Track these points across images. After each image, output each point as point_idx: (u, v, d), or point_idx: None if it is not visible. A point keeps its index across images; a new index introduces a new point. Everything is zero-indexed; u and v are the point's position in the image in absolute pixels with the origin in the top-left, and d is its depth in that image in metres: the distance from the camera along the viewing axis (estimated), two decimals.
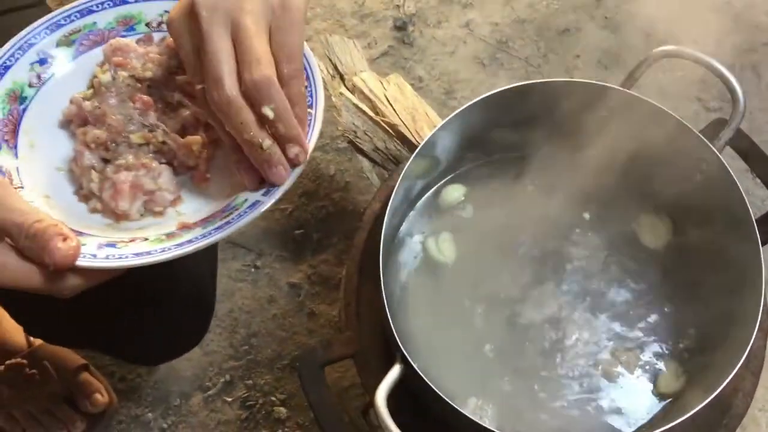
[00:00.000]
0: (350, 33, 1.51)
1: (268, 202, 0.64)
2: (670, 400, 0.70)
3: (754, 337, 0.63)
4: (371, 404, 0.83)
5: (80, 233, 0.66)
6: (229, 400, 1.13)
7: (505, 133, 0.80)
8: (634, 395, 0.71)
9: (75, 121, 0.75)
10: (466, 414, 0.61)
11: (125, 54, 0.76)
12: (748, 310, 0.65)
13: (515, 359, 0.72)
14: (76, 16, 0.80)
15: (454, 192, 0.81)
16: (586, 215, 0.80)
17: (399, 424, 0.60)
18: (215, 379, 1.15)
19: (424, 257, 0.79)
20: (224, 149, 0.70)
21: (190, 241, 0.63)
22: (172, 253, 0.62)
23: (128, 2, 0.82)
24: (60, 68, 0.79)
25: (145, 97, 0.72)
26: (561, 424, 0.69)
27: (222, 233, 0.63)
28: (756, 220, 0.68)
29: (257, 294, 1.22)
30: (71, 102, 0.76)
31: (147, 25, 0.82)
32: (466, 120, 0.75)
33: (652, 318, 0.74)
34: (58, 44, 0.79)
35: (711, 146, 0.72)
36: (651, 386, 0.71)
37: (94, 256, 0.62)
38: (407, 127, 0.98)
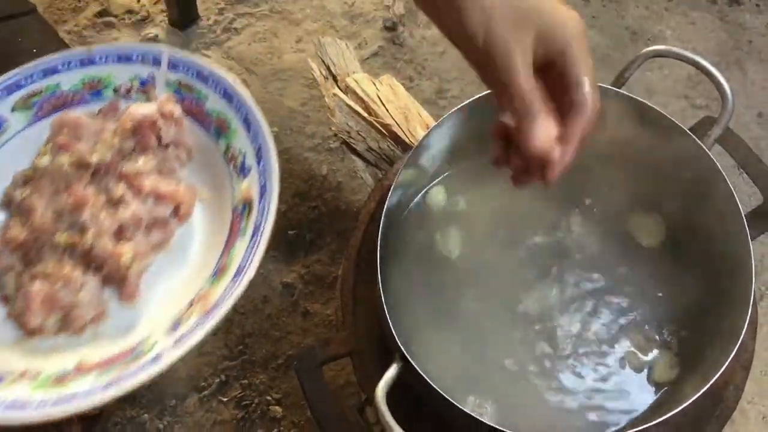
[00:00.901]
0: (341, 34, 1.52)
1: (172, 357, 0.60)
2: (663, 392, 0.71)
3: (744, 330, 0.64)
4: (368, 402, 0.83)
5: None
6: (225, 399, 1.14)
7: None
8: (629, 388, 0.72)
9: (12, 204, 0.68)
10: (466, 410, 0.61)
11: (74, 131, 0.69)
12: (739, 303, 0.67)
13: (513, 356, 0.73)
14: (38, 76, 0.73)
15: (448, 190, 0.82)
16: (578, 215, 0.80)
17: (397, 422, 0.60)
18: (210, 379, 1.15)
19: (426, 253, 0.79)
20: (159, 264, 0.66)
21: (74, 396, 0.58)
22: (45, 411, 0.56)
23: (96, 63, 0.75)
24: (13, 136, 0.72)
25: (80, 192, 0.65)
26: (559, 418, 0.70)
27: (111, 392, 0.58)
28: (745, 216, 0.70)
29: (251, 294, 1.23)
30: (12, 182, 0.69)
31: (115, 90, 0.76)
32: (461, 119, 0.76)
33: (647, 313, 0.75)
34: (15, 108, 0.72)
35: (701, 144, 0.73)
36: (645, 379, 0.72)
37: None
38: (400, 127, 0.99)
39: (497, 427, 0.60)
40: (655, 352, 0.74)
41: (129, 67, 0.75)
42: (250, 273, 0.63)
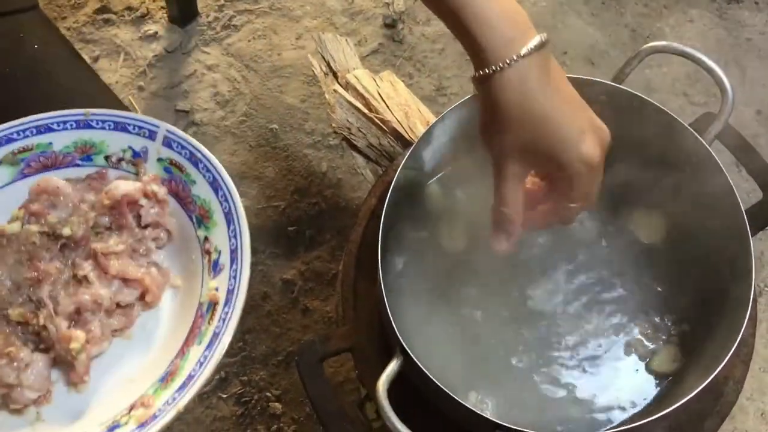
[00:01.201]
0: (340, 31, 1.52)
1: None
2: (664, 387, 0.71)
3: (745, 325, 0.64)
4: (368, 398, 0.84)
5: None
6: (224, 396, 1.14)
7: None
8: (630, 382, 0.72)
9: None
10: (467, 405, 0.62)
11: (52, 198, 0.67)
12: (739, 299, 0.67)
13: (515, 351, 0.73)
14: (31, 132, 0.71)
15: (449, 186, 0.82)
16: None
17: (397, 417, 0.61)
18: (210, 375, 1.15)
19: (426, 248, 0.79)
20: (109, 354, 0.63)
21: None
22: None
23: (92, 127, 0.73)
24: None
25: (43, 267, 0.63)
26: (559, 413, 0.70)
27: None
28: (745, 212, 0.70)
29: (251, 291, 1.21)
30: None
31: (106, 158, 0.74)
32: (462, 115, 0.76)
33: (648, 308, 0.76)
34: (2, 162, 0.70)
35: (702, 140, 0.73)
36: (646, 374, 0.73)
37: None
38: (400, 124, 0.99)
39: (498, 421, 0.61)
40: (657, 344, 0.74)
41: (124, 136, 0.74)
42: (195, 387, 0.59)
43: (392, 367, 0.64)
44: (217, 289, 0.65)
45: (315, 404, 0.70)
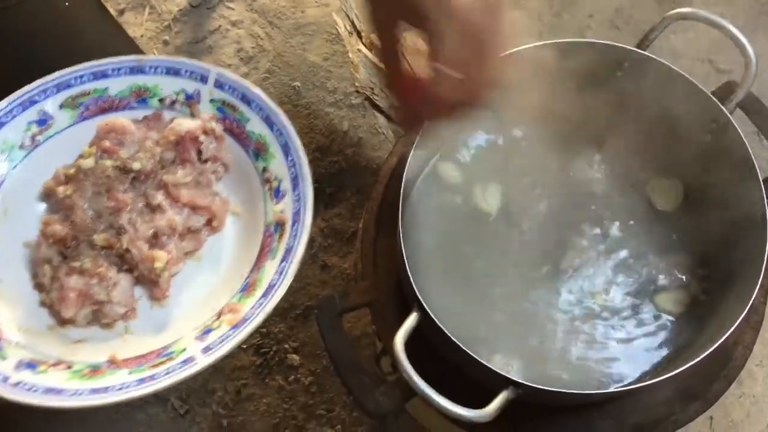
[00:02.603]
0: None
1: (202, 364, 0.62)
2: (674, 351, 0.73)
3: (756, 292, 0.65)
4: (384, 352, 0.86)
5: (9, 342, 0.63)
6: (244, 347, 1.16)
7: (519, 91, 0.82)
8: (643, 345, 0.74)
9: (52, 199, 0.70)
10: (481, 360, 0.63)
11: (119, 136, 0.71)
12: (753, 267, 0.68)
13: (527, 306, 0.75)
14: (89, 78, 0.75)
15: (470, 147, 0.83)
16: (599, 175, 0.81)
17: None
18: None
19: (449, 207, 0.80)
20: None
21: (105, 390, 0.60)
22: (80, 402, 0.59)
23: (145, 73, 0.77)
24: (58, 132, 0.74)
25: (121, 197, 0.68)
26: (576, 376, 0.72)
27: (140, 391, 0.60)
28: (763, 181, 0.70)
29: None
30: (53, 177, 0.71)
31: (161, 101, 0.78)
32: None
33: (664, 274, 0.77)
34: (63, 106, 0.74)
35: (723, 108, 0.73)
36: (660, 337, 0.74)
37: (5, 380, 0.60)
38: None
39: (511, 377, 0.62)
40: (672, 312, 0.75)
41: (177, 80, 0.78)
42: (280, 292, 0.66)
43: (410, 322, 0.65)
44: (282, 212, 0.71)
45: (333, 356, 0.72)
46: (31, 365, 0.62)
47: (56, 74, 0.74)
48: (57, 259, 0.68)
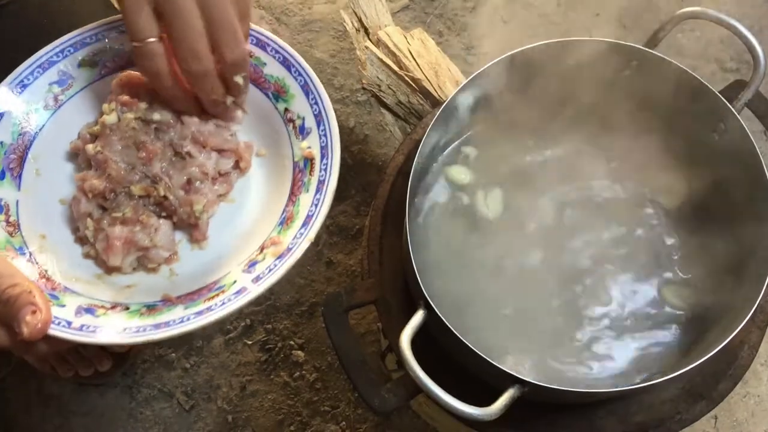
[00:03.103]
0: None
1: (255, 292, 0.63)
2: (680, 349, 0.73)
3: (763, 292, 0.65)
4: (389, 349, 0.86)
5: (64, 290, 0.65)
6: (250, 342, 1.17)
7: (527, 90, 0.82)
8: (649, 344, 0.74)
9: (81, 157, 0.72)
10: (486, 358, 0.64)
11: (134, 90, 0.73)
12: (760, 267, 0.68)
13: (539, 310, 0.75)
14: (103, 35, 0.76)
15: (477, 146, 0.83)
16: (606, 174, 0.81)
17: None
18: (236, 322, 1.18)
19: (454, 206, 0.80)
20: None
21: (167, 324, 0.62)
22: (145, 337, 0.61)
23: None
24: (79, 91, 0.75)
25: (151, 147, 0.70)
26: (577, 375, 0.72)
27: (199, 322, 0.62)
28: None
29: None
30: (78, 136, 0.73)
31: None
32: (493, 75, 0.77)
33: (671, 273, 0.77)
34: (81, 64, 0.75)
35: (731, 107, 0.73)
36: (666, 336, 0.74)
37: (69, 324, 0.62)
38: (430, 82, 1.00)
39: (516, 375, 0.63)
40: (680, 311, 0.75)
41: None
42: (318, 222, 0.66)
43: (416, 319, 0.66)
44: (309, 148, 0.72)
45: (339, 353, 0.72)
46: (90, 310, 0.64)
47: (71, 35, 0.75)
48: (98, 212, 0.70)
